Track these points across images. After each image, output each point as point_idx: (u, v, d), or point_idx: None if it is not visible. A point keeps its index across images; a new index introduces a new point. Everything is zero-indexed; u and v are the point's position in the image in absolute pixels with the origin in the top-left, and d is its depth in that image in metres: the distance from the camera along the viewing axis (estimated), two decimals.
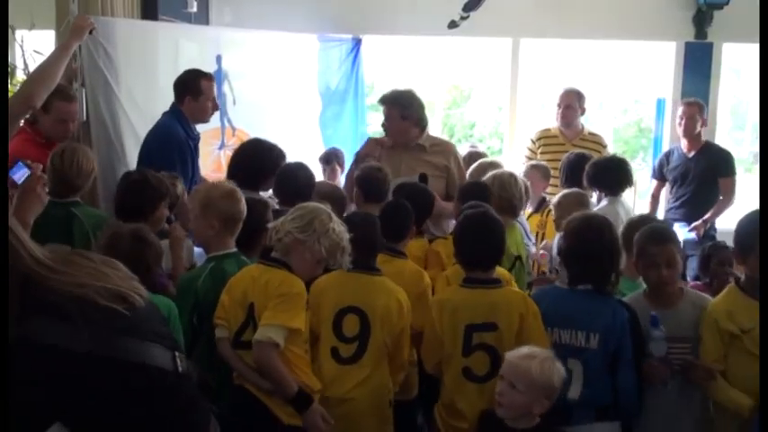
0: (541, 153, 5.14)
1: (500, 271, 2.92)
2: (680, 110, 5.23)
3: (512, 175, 3.63)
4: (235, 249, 2.83)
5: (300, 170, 3.55)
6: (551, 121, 5.36)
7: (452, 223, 3.50)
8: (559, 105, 5.16)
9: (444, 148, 4.15)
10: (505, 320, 2.60)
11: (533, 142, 5.28)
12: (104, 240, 2.62)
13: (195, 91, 3.96)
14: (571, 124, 5.16)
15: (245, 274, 2.59)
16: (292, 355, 2.48)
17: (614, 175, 4.07)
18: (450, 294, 2.78)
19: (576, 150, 4.68)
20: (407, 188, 3.48)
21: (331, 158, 5.20)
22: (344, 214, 3.92)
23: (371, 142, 4.11)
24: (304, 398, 2.46)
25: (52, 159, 3.23)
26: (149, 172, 3.24)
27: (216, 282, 2.70)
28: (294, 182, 3.43)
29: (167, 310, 2.55)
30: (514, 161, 5.43)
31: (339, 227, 2.56)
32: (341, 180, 5.14)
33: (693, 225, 4.90)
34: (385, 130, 4.06)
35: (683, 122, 5.14)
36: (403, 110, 3.96)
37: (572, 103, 5.14)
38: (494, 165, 4.03)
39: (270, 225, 2.61)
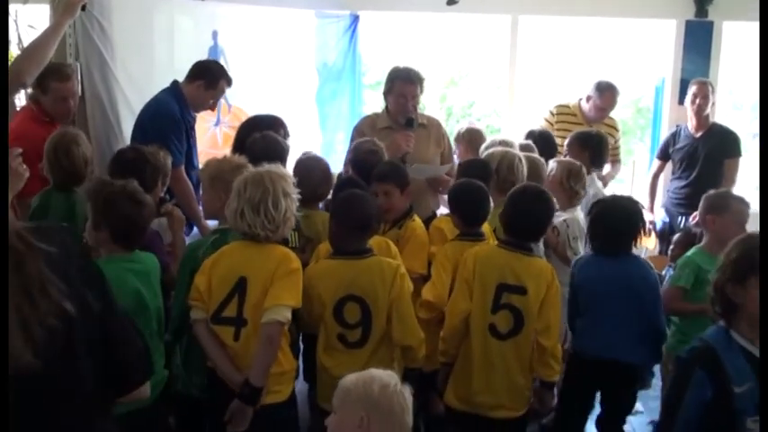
0: (557, 129, 5.07)
1: None
2: (693, 89, 5.12)
3: (521, 159, 3.61)
4: None
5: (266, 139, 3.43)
6: (569, 97, 5.30)
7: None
8: (603, 108, 5.04)
9: (437, 122, 4.20)
10: (534, 287, 2.74)
11: (552, 114, 5.22)
12: (99, 200, 2.49)
13: (212, 83, 3.92)
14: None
15: (228, 252, 2.54)
16: None
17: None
18: (487, 250, 2.86)
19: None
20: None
21: None
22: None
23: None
24: (256, 395, 2.42)
25: (47, 155, 3.18)
26: (146, 149, 3.20)
27: None
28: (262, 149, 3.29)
29: (151, 268, 2.53)
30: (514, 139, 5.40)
31: (273, 176, 2.50)
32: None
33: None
34: (403, 110, 3.95)
35: (696, 101, 5.06)
36: (422, 87, 3.99)
37: (614, 106, 5.11)
38: (505, 143, 4.03)
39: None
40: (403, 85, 3.93)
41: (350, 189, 3.01)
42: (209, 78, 3.91)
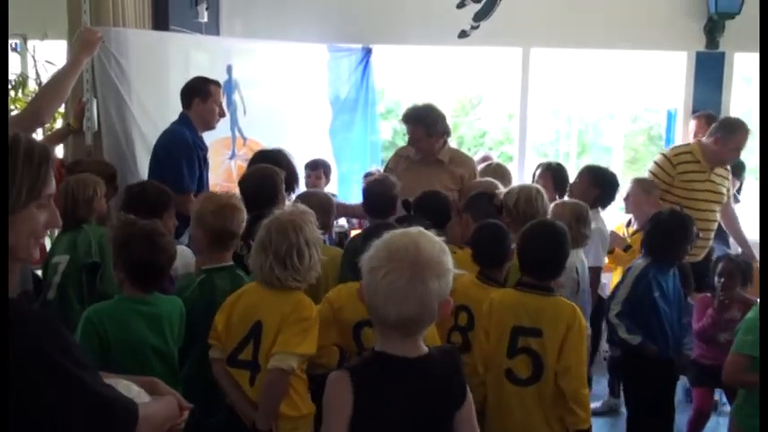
0: (681, 182, 4.49)
1: None
2: (692, 124, 5.18)
3: (539, 191, 3.50)
4: (230, 263, 2.81)
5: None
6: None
7: None
8: (737, 148, 4.54)
9: (463, 161, 4.20)
10: (551, 329, 2.62)
11: (671, 164, 4.52)
12: (118, 239, 2.50)
13: (204, 93, 4.00)
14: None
15: (247, 293, 2.53)
16: (294, 377, 2.43)
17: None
18: (503, 294, 2.79)
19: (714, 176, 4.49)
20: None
21: (318, 166, 5.16)
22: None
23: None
24: None
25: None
26: (149, 182, 3.22)
27: (204, 294, 2.69)
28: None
29: (165, 311, 2.51)
30: (526, 170, 5.42)
31: (295, 225, 2.45)
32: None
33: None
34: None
35: (698, 137, 4.96)
36: (428, 128, 4.03)
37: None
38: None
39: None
40: (408, 126, 4.06)
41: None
42: (199, 92, 4.00)
